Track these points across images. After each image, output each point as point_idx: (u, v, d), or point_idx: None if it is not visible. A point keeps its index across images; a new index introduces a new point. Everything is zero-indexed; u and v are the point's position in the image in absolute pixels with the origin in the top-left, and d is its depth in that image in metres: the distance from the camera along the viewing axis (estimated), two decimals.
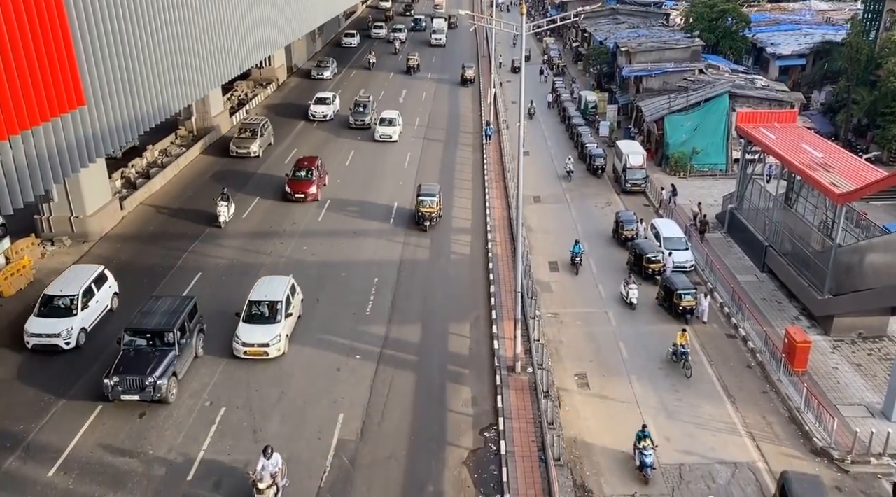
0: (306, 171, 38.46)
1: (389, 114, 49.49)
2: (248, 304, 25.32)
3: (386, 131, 48.14)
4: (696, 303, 27.96)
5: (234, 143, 44.36)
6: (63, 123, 26.23)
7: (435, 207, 34.92)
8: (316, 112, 52.13)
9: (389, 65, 70.09)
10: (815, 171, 28.66)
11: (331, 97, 53.48)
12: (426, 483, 19.72)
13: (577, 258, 31.79)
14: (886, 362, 25.32)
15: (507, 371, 24.36)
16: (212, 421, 21.70)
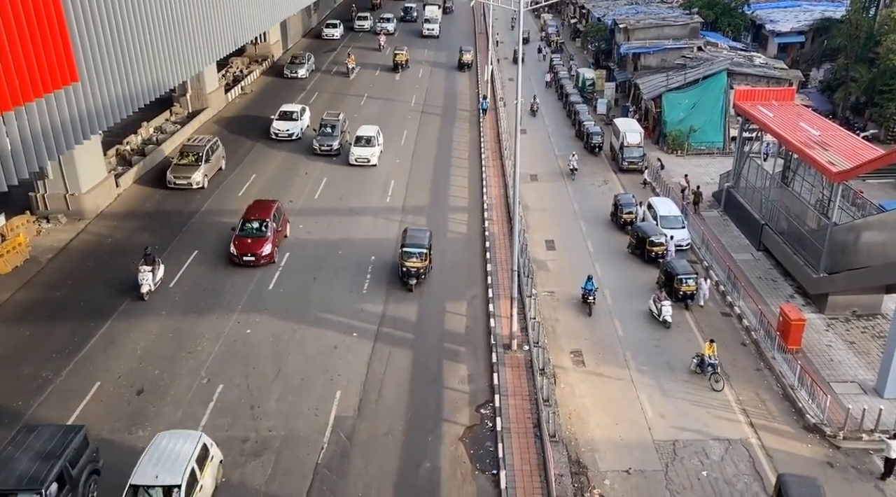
0: (259, 223, 29.29)
1: (367, 131, 40.99)
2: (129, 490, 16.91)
3: (362, 153, 39.80)
4: (697, 288, 27.75)
5: (172, 172, 35.74)
6: (56, 100, 26.03)
7: (423, 262, 28.06)
8: (279, 130, 43.09)
9: (373, 62, 61.91)
10: (813, 150, 28.62)
11: (298, 111, 44.51)
12: (423, 459, 19.92)
13: (591, 296, 27.25)
14: (879, 340, 25.51)
15: (504, 349, 24.49)
16: (209, 398, 21.82)
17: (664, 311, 26.39)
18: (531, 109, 51.76)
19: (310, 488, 18.75)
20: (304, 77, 56.06)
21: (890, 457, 19.75)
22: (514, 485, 18.85)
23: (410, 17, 79.58)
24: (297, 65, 56.54)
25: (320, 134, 41.39)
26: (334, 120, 42.29)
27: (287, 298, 27.17)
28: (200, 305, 26.45)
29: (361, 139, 40.48)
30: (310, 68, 57.55)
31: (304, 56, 58.06)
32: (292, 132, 43.15)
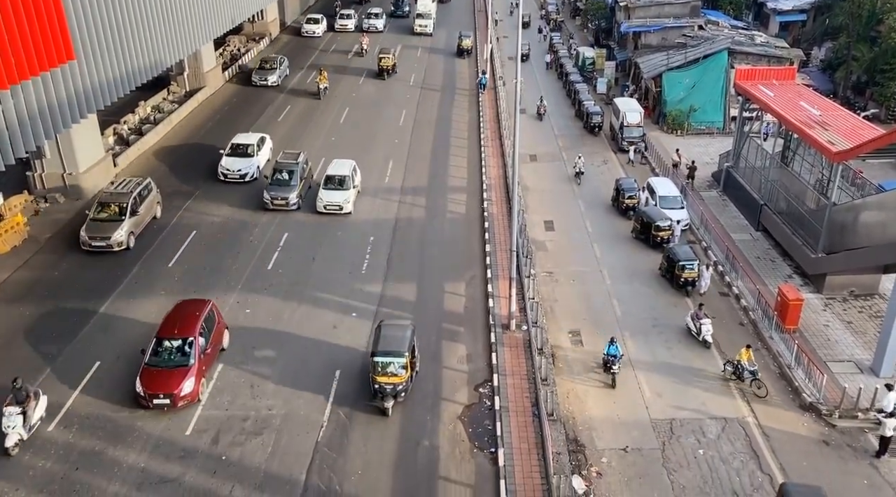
0: (181, 343, 20.79)
1: (339, 169, 32.77)
2: None
3: (333, 198, 31.68)
4: (698, 275, 27.28)
5: (87, 230, 27.84)
6: (52, 78, 25.91)
7: (403, 376, 20.47)
8: (228, 169, 34.21)
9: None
10: (813, 129, 28.53)
11: (254, 144, 35.44)
12: (421, 437, 20.06)
13: (615, 363, 22.70)
14: (877, 320, 25.61)
15: (502, 329, 24.57)
16: (209, 377, 21.91)
17: (703, 329, 24.38)
18: (538, 113, 46.92)
19: (310, 466, 18.91)
20: (276, 84, 48.08)
21: (885, 435, 19.92)
22: (512, 463, 19.01)
23: (402, 11, 69.47)
24: (267, 70, 48.39)
25: (273, 181, 32.20)
26: (291, 163, 32.70)
27: (286, 278, 27.17)
28: None
29: (332, 179, 32.28)
30: (282, 74, 49.31)
31: (277, 60, 49.51)
32: (245, 172, 34.32)
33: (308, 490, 18.21)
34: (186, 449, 19.20)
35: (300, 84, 49.04)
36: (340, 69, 52.29)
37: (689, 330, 25.06)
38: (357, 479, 18.59)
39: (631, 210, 33.28)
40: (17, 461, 18.53)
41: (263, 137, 37.00)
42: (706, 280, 27.54)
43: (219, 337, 22.44)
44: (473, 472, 18.96)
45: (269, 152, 36.77)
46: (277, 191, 31.78)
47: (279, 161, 33.23)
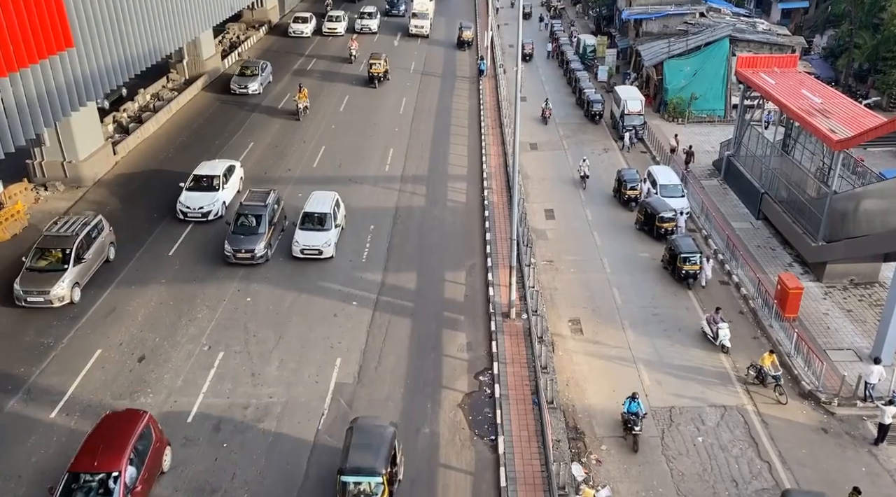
0: (104, 479, 16.04)
1: (318, 204, 27.88)
2: None
3: (311, 241, 26.88)
4: (700, 267, 26.85)
5: (21, 283, 23.72)
6: (52, 65, 25.83)
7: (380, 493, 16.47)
8: (188, 207, 29.46)
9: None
10: (814, 118, 28.45)
11: (219, 175, 30.52)
12: (422, 424, 20.15)
13: (637, 423, 19.76)
14: (876, 308, 25.64)
15: (502, 317, 24.61)
16: (210, 365, 21.99)
17: (721, 334, 23.44)
18: (543, 116, 43.94)
19: (311, 454, 19.00)
20: (257, 93, 43.51)
21: (884, 423, 20.00)
22: (512, 450, 19.10)
23: (397, 10, 64.76)
24: (247, 76, 43.95)
25: (237, 227, 26.80)
26: (258, 207, 27.15)
27: (286, 267, 27.18)
28: None
29: (311, 217, 27.39)
30: (265, 81, 44.77)
31: (258, 66, 44.93)
32: (208, 210, 29.17)
33: (309, 478, 18.31)
34: (188, 437, 19.29)
35: (283, 94, 44.27)
36: (328, 76, 48.13)
37: (705, 334, 24.10)
38: None
39: (633, 201, 32.88)
40: None
41: (232, 166, 32.15)
42: (708, 272, 27.16)
43: (156, 461, 17.40)
44: (473, 460, 19.05)
45: (240, 182, 32.25)
46: (240, 242, 26.39)
47: (244, 203, 27.50)
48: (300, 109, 40.57)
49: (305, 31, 57.17)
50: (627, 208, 33.15)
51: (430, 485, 18.27)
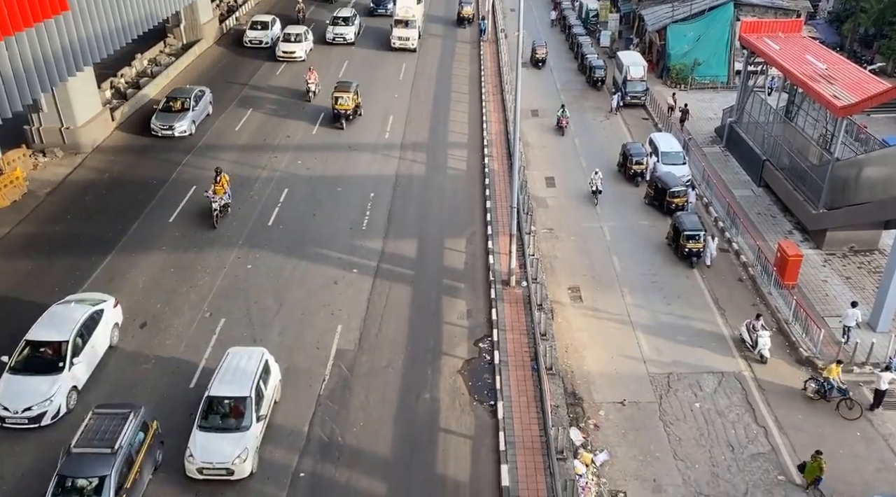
0: None
1: (230, 384, 18.02)
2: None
3: (213, 456, 16.89)
4: (704, 245, 26.10)
5: None
6: (47, 30, 25.52)
7: None
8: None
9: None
10: (818, 84, 28.17)
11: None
12: (422, 390, 20.36)
13: None
14: (875, 275, 25.71)
15: (502, 285, 24.68)
16: (212, 331, 22.13)
17: (761, 342, 22.04)
18: (559, 125, 37.70)
19: (312, 418, 19.23)
20: (185, 134, 33.17)
21: (880, 388, 20.19)
22: (511, 415, 19.32)
23: (384, 8, 52.60)
24: (172, 113, 33.34)
25: None
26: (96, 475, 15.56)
27: (287, 234, 27.19)
28: None
29: (216, 409, 17.76)
30: (199, 116, 34.30)
31: (191, 95, 34.20)
32: (39, 413, 18.29)
33: (311, 441, 18.56)
34: (190, 402, 19.49)
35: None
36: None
37: (743, 341, 22.75)
38: (359, 431, 18.93)
39: (639, 176, 31.93)
40: None
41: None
42: (712, 251, 26.42)
43: None
44: (473, 424, 19.29)
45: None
46: None
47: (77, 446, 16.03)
48: (214, 213, 26.61)
49: (265, 40, 44.89)
50: (633, 183, 32.20)
51: (431, 449, 18.52)
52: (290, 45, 43.69)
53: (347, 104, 35.36)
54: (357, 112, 36.61)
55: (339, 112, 35.34)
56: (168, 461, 17.51)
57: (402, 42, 46.26)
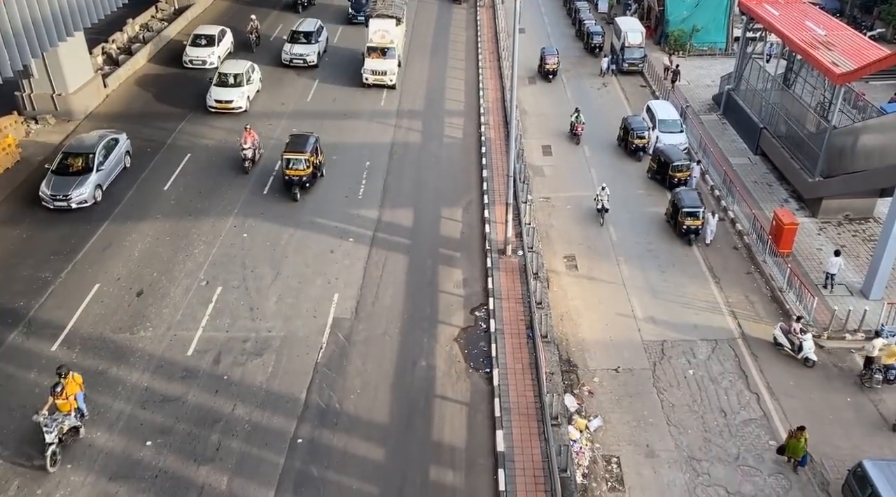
0: None
1: None
2: None
3: None
4: (703, 222, 25.53)
5: None
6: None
7: None
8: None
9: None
10: (817, 50, 27.93)
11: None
12: (419, 357, 20.52)
13: None
14: (870, 243, 25.80)
15: (498, 254, 24.73)
16: (208, 299, 22.19)
17: (806, 346, 20.71)
18: (573, 131, 33.20)
19: (310, 385, 19.40)
20: (84, 203, 25.78)
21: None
22: (506, 382, 19.52)
23: (365, 12, 41.86)
24: (69, 175, 25.88)
25: None
26: None
27: (283, 203, 27.10)
28: None
29: None
30: (106, 178, 26.92)
31: (98, 144, 26.89)
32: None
33: (308, 408, 18.75)
34: (189, 369, 19.63)
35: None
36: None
37: (779, 345, 21.44)
38: (356, 398, 19.12)
39: (641, 150, 31.22)
40: None
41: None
42: (712, 228, 25.88)
43: None
44: (469, 391, 19.48)
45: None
46: None
47: None
48: (48, 450, 17.04)
49: (210, 59, 36.83)
50: (635, 158, 31.41)
51: (427, 415, 18.73)
52: (227, 90, 32.76)
53: (302, 170, 26.91)
54: (318, 173, 28.21)
55: (292, 179, 26.99)
56: None
57: (376, 77, 35.68)
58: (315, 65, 38.43)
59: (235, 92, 33.06)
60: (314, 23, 40.25)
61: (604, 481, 17.53)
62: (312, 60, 38.18)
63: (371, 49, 36.51)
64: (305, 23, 40.18)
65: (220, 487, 16.57)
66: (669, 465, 17.92)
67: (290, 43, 38.69)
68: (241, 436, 17.86)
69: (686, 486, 17.36)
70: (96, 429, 17.83)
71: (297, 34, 38.97)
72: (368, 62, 36.17)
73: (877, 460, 16.63)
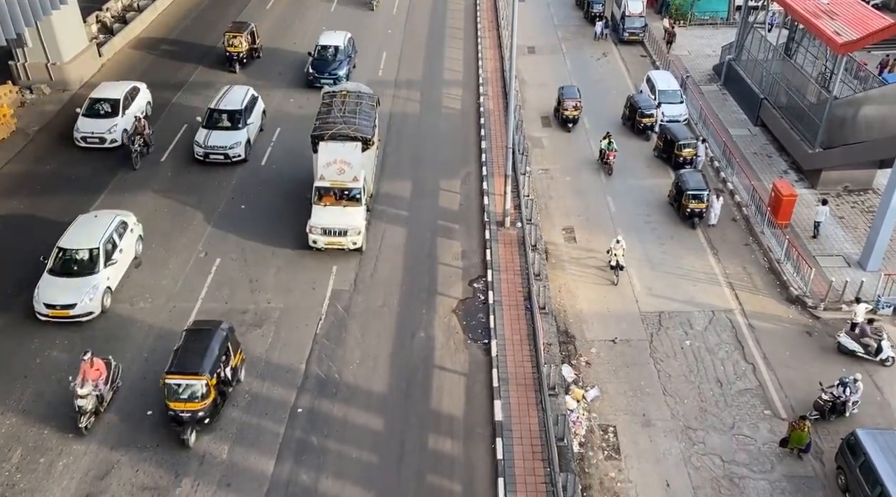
0: None
1: None
2: None
3: None
4: (708, 205, 24.99)
5: None
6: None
7: None
8: None
9: None
10: (819, 19, 27.61)
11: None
12: (417, 329, 20.64)
13: None
14: (868, 215, 25.82)
15: (497, 226, 24.72)
16: (207, 271, 22.23)
17: (885, 345, 19.95)
18: (604, 160, 28.74)
19: (309, 356, 19.53)
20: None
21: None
22: (504, 353, 19.66)
23: (332, 77, 32.26)
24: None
25: None
26: None
27: (280, 174, 26.99)
28: None
29: None
30: None
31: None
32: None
33: (308, 378, 18.90)
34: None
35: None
36: None
37: (844, 349, 20.40)
38: (355, 368, 19.27)
39: (649, 129, 30.44)
40: None
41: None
42: (716, 211, 25.29)
43: None
44: (467, 362, 19.64)
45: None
46: None
47: None
48: None
49: (109, 136, 27.26)
50: (642, 137, 30.62)
51: (426, 385, 18.90)
52: (60, 288, 20.06)
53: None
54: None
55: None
56: None
57: (330, 240, 22.61)
58: (242, 159, 27.06)
59: (78, 288, 20.03)
60: (244, 93, 28.38)
61: (600, 450, 17.77)
62: (238, 154, 26.72)
63: (322, 191, 22.99)
64: (231, 94, 28.23)
65: (220, 457, 16.78)
66: (665, 434, 18.15)
67: (206, 128, 26.92)
68: (241, 406, 18.03)
69: (682, 455, 17.60)
70: None
71: (217, 114, 27.24)
72: (318, 212, 22.67)
73: (869, 429, 16.86)
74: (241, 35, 34.07)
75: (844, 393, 17.95)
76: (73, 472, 16.29)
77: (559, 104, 31.83)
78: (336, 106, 24.97)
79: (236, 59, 34.14)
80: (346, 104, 25.06)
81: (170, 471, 16.41)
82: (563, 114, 31.36)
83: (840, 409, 18.15)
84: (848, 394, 17.96)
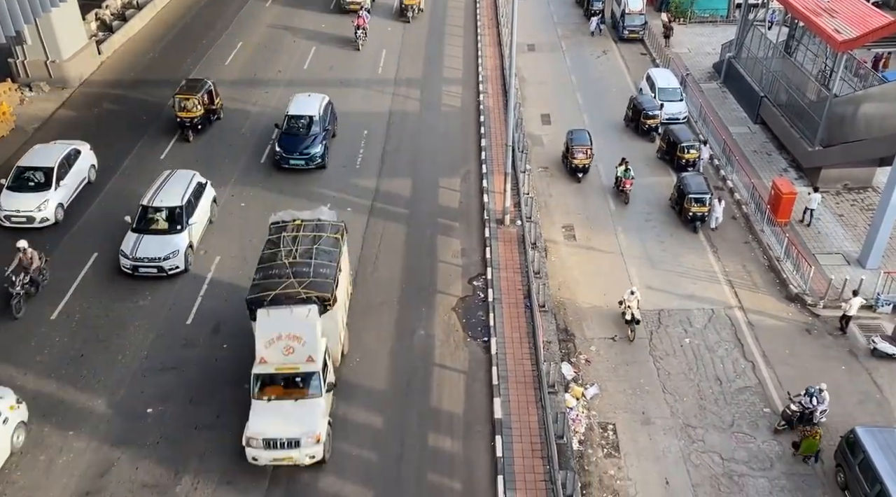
0: None
1: None
2: None
3: None
4: (710, 209, 24.85)
5: None
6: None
7: None
8: None
9: None
10: (819, 17, 27.60)
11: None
12: (417, 326, 20.64)
13: None
14: (868, 213, 25.82)
15: (497, 224, 24.72)
16: (207, 269, 22.21)
17: None
18: (620, 188, 26.95)
19: None
20: None
21: (848, 314, 20.67)
22: (504, 351, 19.67)
23: (305, 157, 26.73)
24: None
25: None
26: None
27: (280, 174, 26.96)
28: None
29: None
30: None
31: None
32: None
33: None
34: (188, 338, 19.72)
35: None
36: None
37: (881, 354, 20.26)
38: (356, 366, 19.27)
39: (653, 131, 30.21)
40: None
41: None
42: (718, 214, 25.17)
43: None
44: (467, 359, 19.64)
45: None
46: None
47: None
48: None
49: (40, 215, 23.22)
50: (646, 138, 30.35)
51: (426, 382, 18.90)
52: None
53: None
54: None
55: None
56: None
57: (275, 455, 16.10)
58: (184, 268, 21.92)
59: None
60: (189, 180, 23.25)
61: (600, 448, 17.79)
62: (176, 265, 21.61)
63: (263, 380, 16.75)
64: (174, 180, 23.16)
65: (222, 454, 16.77)
66: (665, 431, 18.16)
67: (136, 231, 21.80)
68: (242, 403, 17.99)
69: (681, 453, 17.62)
70: (97, 396, 18.02)
71: (151, 212, 22.13)
72: (259, 413, 16.30)
73: (869, 427, 16.88)
74: (193, 96, 28.03)
75: (811, 403, 17.78)
76: (73, 469, 16.31)
77: (567, 151, 28.32)
78: (284, 245, 18.57)
79: (189, 126, 28.09)
80: (298, 242, 18.71)
81: (170, 468, 16.42)
82: (572, 163, 27.80)
83: (808, 418, 17.89)
84: (815, 404, 17.78)
